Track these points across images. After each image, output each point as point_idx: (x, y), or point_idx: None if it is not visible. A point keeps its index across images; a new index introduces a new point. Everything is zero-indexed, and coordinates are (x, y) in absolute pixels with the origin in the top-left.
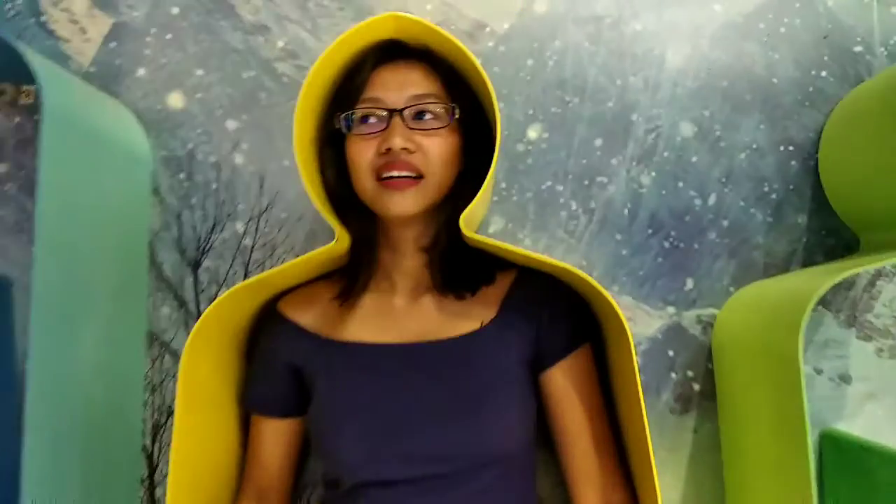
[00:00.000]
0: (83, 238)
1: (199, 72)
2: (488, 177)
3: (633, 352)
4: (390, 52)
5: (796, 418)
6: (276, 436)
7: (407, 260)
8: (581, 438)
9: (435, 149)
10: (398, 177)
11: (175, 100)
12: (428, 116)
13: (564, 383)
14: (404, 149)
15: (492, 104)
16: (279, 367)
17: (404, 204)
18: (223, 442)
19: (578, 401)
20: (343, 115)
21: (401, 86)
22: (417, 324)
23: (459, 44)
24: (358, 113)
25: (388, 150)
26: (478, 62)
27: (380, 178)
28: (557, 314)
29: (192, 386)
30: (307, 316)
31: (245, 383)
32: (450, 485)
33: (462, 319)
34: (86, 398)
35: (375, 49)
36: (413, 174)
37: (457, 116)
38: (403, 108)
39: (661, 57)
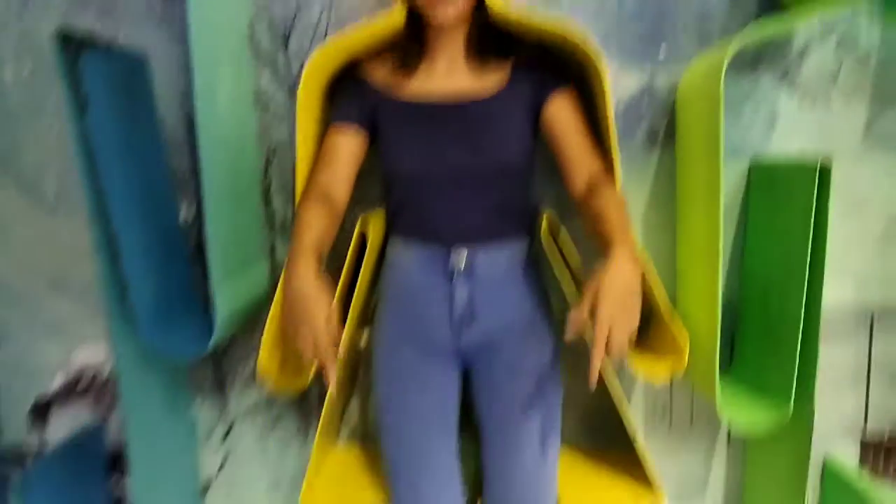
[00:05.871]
0: (216, 28)
1: None
2: None
3: (608, 90)
4: None
5: (715, 138)
6: (349, 145)
7: (448, 37)
8: (573, 141)
9: None
10: None
11: None
12: None
13: (559, 112)
14: None
15: None
16: (362, 95)
17: (447, 13)
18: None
19: (573, 123)
20: None
21: None
22: (453, 86)
23: None
24: None
25: None
26: None
27: None
28: (546, 72)
29: (305, 108)
30: (378, 74)
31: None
32: (474, 182)
33: (485, 84)
34: (226, 132)
35: None
36: None
37: None
38: None
39: None
